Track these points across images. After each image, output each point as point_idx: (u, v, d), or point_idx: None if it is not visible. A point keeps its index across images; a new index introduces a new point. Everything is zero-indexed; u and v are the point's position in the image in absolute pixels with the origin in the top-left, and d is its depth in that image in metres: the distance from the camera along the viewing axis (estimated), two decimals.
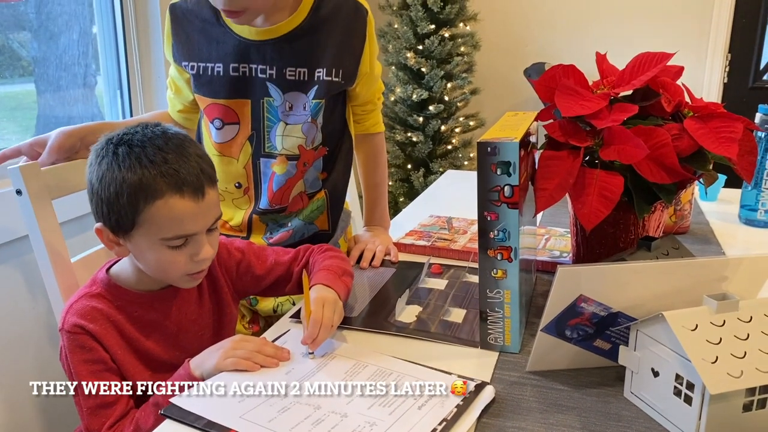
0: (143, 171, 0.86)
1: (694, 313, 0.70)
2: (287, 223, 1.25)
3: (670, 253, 0.92)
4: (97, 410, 0.88)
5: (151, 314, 0.95)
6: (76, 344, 0.89)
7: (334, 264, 1.04)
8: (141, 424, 0.86)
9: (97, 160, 0.89)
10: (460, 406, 0.76)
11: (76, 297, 0.93)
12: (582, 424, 0.74)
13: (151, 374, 0.94)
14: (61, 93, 1.92)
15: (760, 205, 1.46)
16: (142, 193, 0.86)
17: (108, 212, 0.88)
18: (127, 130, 0.90)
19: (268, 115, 1.18)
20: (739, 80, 3.20)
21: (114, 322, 0.92)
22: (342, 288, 0.99)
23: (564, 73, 0.99)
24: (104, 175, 0.87)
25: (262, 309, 1.27)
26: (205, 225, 0.91)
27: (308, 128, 1.19)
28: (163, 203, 0.86)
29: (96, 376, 0.89)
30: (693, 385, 0.68)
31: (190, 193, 0.88)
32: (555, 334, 0.82)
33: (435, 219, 1.50)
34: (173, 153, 0.88)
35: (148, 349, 0.94)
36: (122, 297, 0.94)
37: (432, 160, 3.18)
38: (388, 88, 3.17)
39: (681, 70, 1.01)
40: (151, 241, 0.88)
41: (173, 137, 0.90)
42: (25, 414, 1.45)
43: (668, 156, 0.88)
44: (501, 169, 0.83)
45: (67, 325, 0.90)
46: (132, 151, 0.87)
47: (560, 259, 1.23)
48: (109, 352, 0.90)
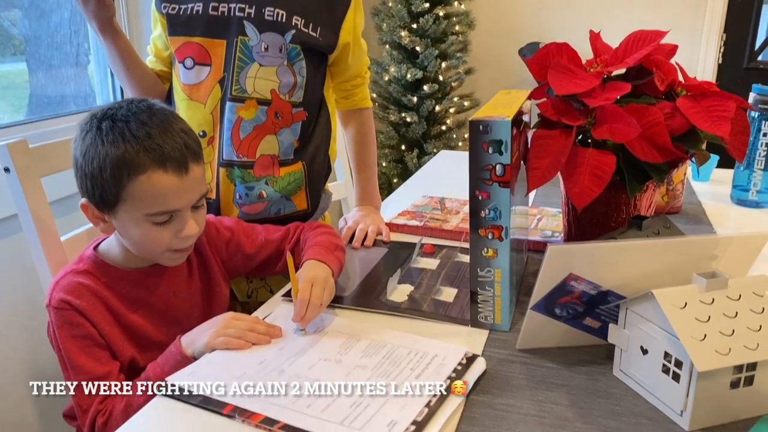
0: (126, 145, 0.85)
1: (684, 291, 0.70)
2: (259, 189, 1.20)
3: (661, 232, 0.92)
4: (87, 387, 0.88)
5: (139, 291, 0.95)
6: (64, 320, 0.89)
7: (326, 240, 1.04)
8: (132, 400, 0.86)
9: (81, 135, 0.89)
10: (453, 378, 0.77)
11: (63, 273, 0.93)
12: (571, 401, 0.74)
13: (140, 351, 0.94)
14: (53, 72, 1.90)
15: (752, 185, 1.46)
16: (125, 168, 0.85)
17: (92, 187, 0.88)
18: (112, 105, 0.90)
19: (240, 56, 1.15)
20: (733, 61, 3.18)
21: (101, 298, 0.91)
22: (335, 263, 0.99)
23: (557, 52, 0.98)
24: (88, 149, 0.87)
25: (238, 290, 1.25)
26: (190, 201, 0.91)
27: (284, 72, 1.16)
28: (146, 178, 0.86)
29: (84, 352, 0.89)
30: (681, 362, 0.69)
31: (174, 168, 0.87)
32: (545, 313, 0.82)
33: (428, 199, 1.49)
34: (157, 128, 0.87)
35: (136, 325, 0.94)
36: (109, 274, 0.94)
37: (426, 140, 3.16)
38: (381, 68, 3.15)
39: (675, 49, 1.00)
40: (135, 217, 0.88)
41: (158, 112, 0.90)
42: (15, 390, 1.46)
43: (660, 135, 0.88)
44: (493, 147, 0.82)
45: (54, 301, 0.89)
46: (115, 125, 0.87)
47: (552, 239, 1.23)
48: (97, 327, 0.90)
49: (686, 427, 0.69)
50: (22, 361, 1.46)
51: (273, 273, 1.13)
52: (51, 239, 1.06)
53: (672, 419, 0.71)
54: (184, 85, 1.18)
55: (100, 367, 0.89)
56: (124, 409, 0.85)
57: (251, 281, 1.24)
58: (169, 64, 1.24)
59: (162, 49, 1.24)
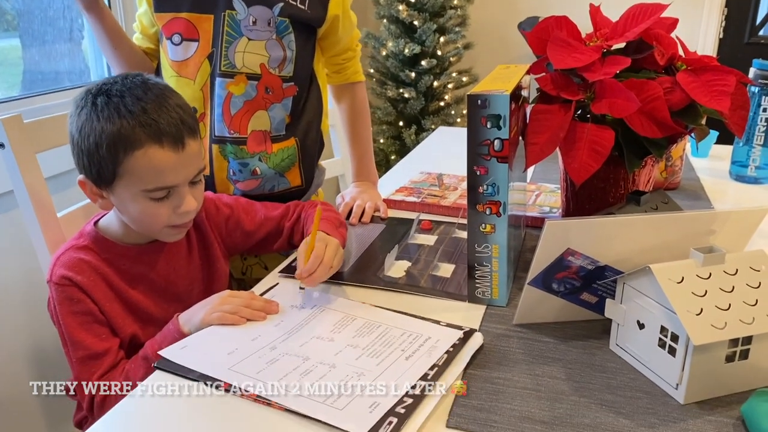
0: (122, 121, 0.85)
1: (681, 266, 0.71)
2: (253, 166, 1.19)
3: (659, 207, 0.92)
4: (86, 361, 0.89)
5: (139, 267, 0.95)
6: (64, 296, 0.89)
7: (330, 216, 1.05)
8: (131, 376, 0.86)
9: (76, 111, 0.88)
10: (450, 353, 0.77)
11: (63, 249, 0.93)
12: (567, 375, 0.75)
13: (141, 327, 0.95)
14: (46, 48, 1.88)
15: (751, 161, 1.46)
16: (121, 144, 0.85)
17: (89, 164, 0.88)
18: (107, 80, 0.89)
19: (228, 30, 1.14)
20: (734, 36, 3.16)
21: (102, 274, 0.92)
22: (339, 239, 1.00)
23: (557, 25, 0.97)
24: (83, 125, 0.87)
25: (234, 269, 1.25)
26: (187, 177, 0.90)
27: (272, 46, 1.15)
28: (143, 153, 0.85)
29: (84, 328, 0.89)
30: (677, 336, 0.69)
31: (170, 143, 0.87)
32: (542, 288, 0.82)
33: (426, 175, 1.49)
34: (152, 103, 0.87)
35: (136, 301, 0.95)
36: (110, 250, 0.93)
37: (424, 116, 3.15)
38: (379, 42, 3.11)
39: (675, 23, 0.99)
40: (133, 192, 0.88)
41: (153, 87, 0.89)
42: (15, 366, 1.47)
43: (660, 110, 0.87)
44: (491, 122, 0.82)
45: (55, 277, 0.90)
46: (110, 101, 0.86)
47: (550, 215, 1.23)
48: (98, 304, 0.90)
49: (681, 401, 0.69)
50: (21, 337, 1.47)
51: (272, 250, 1.13)
52: (47, 215, 1.06)
53: (667, 392, 0.71)
54: (173, 61, 1.17)
55: (99, 343, 0.90)
56: (123, 387, 0.86)
57: (245, 258, 1.24)
58: (155, 41, 1.23)
59: (148, 26, 1.22)
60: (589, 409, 0.69)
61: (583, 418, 0.67)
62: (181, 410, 0.69)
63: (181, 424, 0.67)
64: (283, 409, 0.68)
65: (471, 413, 0.68)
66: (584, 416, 0.68)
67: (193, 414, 0.68)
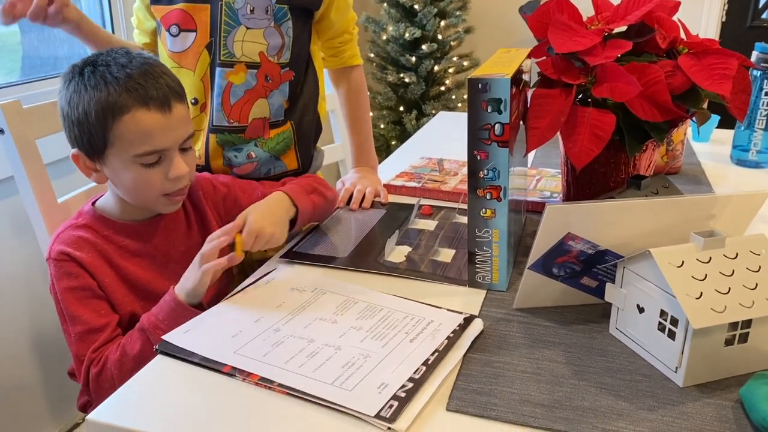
0: (108, 88, 0.87)
1: (681, 250, 0.71)
2: (248, 150, 1.19)
3: (659, 191, 0.92)
4: (84, 336, 0.90)
5: (138, 243, 0.97)
6: (63, 271, 0.90)
7: (307, 182, 1.08)
8: (127, 349, 0.87)
9: (65, 84, 0.91)
10: (451, 338, 0.77)
11: (62, 228, 0.95)
12: (567, 359, 0.75)
13: (141, 303, 0.96)
14: (45, 33, 1.87)
15: (752, 145, 1.45)
16: (109, 110, 0.87)
17: (80, 134, 0.90)
18: (93, 54, 0.92)
19: (226, 19, 1.13)
20: (737, 19, 3.14)
21: (101, 250, 0.93)
22: (307, 204, 1.03)
23: (558, 8, 0.97)
24: (72, 97, 0.89)
25: None
26: (176, 140, 0.92)
27: (271, 34, 1.15)
28: (130, 117, 0.87)
29: (82, 303, 0.90)
30: (677, 320, 0.69)
31: (157, 106, 0.88)
32: (542, 272, 0.82)
33: (426, 161, 1.49)
34: (137, 70, 0.89)
35: (136, 277, 0.95)
36: (108, 227, 0.95)
37: (425, 101, 3.13)
38: (379, 26, 3.10)
39: (677, 6, 0.98)
40: (124, 159, 0.89)
41: (137, 56, 0.92)
42: (17, 349, 1.47)
43: (661, 93, 0.87)
44: (492, 106, 0.81)
45: (54, 253, 0.91)
46: (96, 70, 0.88)
47: (550, 199, 1.23)
48: (97, 279, 0.91)
49: (681, 384, 0.70)
50: (22, 323, 1.48)
51: None
52: (48, 201, 1.06)
53: (667, 376, 0.72)
54: (172, 53, 1.17)
55: (98, 318, 0.91)
56: (119, 359, 0.87)
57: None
58: (152, 34, 1.23)
59: (143, 20, 1.22)
60: (588, 393, 0.69)
61: (583, 401, 0.68)
62: (184, 394, 0.69)
63: (184, 409, 0.67)
64: (285, 392, 0.68)
65: (471, 397, 0.69)
66: (584, 399, 0.68)
67: (196, 398, 0.69)
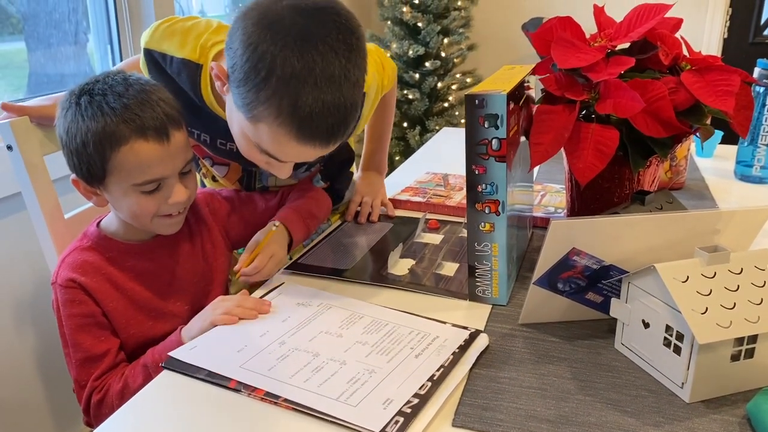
0: (105, 119, 0.86)
1: (686, 265, 0.71)
2: None
3: (663, 207, 0.92)
4: (85, 363, 0.90)
5: (143, 263, 0.97)
6: (67, 298, 0.90)
7: (303, 205, 1.08)
8: (129, 381, 0.87)
9: (62, 112, 0.90)
10: (456, 354, 0.77)
11: (68, 251, 0.94)
12: (573, 374, 0.75)
13: (150, 322, 0.96)
14: (52, 50, 1.89)
15: (756, 161, 1.46)
16: (107, 141, 0.86)
17: (79, 163, 0.89)
18: (89, 80, 0.90)
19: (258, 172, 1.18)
20: (739, 35, 3.15)
21: (106, 274, 0.93)
22: (301, 231, 1.06)
23: (561, 26, 0.98)
24: (70, 126, 0.88)
25: None
26: (175, 168, 0.91)
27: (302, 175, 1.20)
28: (129, 149, 0.86)
29: (84, 330, 0.90)
30: (682, 335, 0.69)
31: (154, 136, 0.87)
32: (547, 287, 0.82)
33: (432, 176, 1.49)
34: (134, 99, 0.88)
35: (142, 297, 0.96)
36: (113, 248, 0.95)
37: (428, 117, 3.15)
38: (383, 44, 3.12)
39: (680, 23, 0.99)
40: (124, 187, 0.89)
41: (134, 83, 0.90)
42: (22, 366, 1.47)
43: (664, 109, 0.88)
44: (489, 121, 0.82)
45: (60, 279, 0.90)
46: (93, 99, 0.87)
47: (555, 215, 1.23)
48: (101, 305, 0.91)
49: (687, 399, 0.70)
50: (28, 338, 1.48)
51: None
52: (55, 217, 1.07)
53: (673, 391, 0.71)
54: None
55: (98, 344, 0.91)
56: (121, 390, 0.87)
57: None
58: None
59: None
60: (594, 408, 0.69)
61: (589, 416, 0.68)
62: (191, 410, 0.69)
63: (190, 424, 0.67)
64: (291, 407, 0.68)
65: (477, 412, 0.68)
66: (590, 415, 0.68)
67: (203, 413, 0.69)
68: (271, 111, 0.79)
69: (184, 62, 0.98)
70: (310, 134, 0.80)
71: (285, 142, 0.82)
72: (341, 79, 0.78)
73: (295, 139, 0.81)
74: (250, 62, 0.78)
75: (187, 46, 0.98)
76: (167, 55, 0.99)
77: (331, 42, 0.78)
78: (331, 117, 0.79)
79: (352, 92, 0.81)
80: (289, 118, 0.79)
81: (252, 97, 0.79)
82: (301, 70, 0.76)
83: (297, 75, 0.76)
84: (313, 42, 0.77)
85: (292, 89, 0.77)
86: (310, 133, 0.80)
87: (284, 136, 0.81)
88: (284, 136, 0.81)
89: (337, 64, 0.78)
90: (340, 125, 0.81)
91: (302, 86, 0.77)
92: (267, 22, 0.77)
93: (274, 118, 0.79)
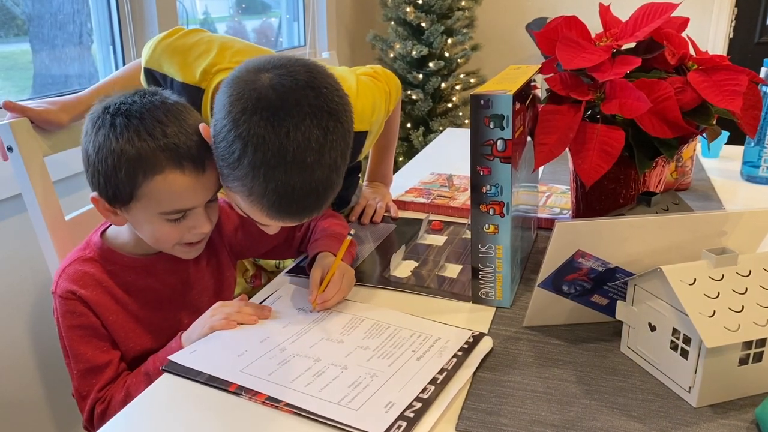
0: (142, 144, 0.82)
1: (693, 268, 0.70)
2: None
3: (670, 208, 0.91)
4: (86, 374, 0.89)
5: (145, 279, 0.94)
6: (67, 309, 0.89)
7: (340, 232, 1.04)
8: (131, 390, 0.86)
9: (93, 129, 0.85)
10: (459, 357, 0.76)
11: (69, 261, 0.92)
12: (578, 377, 0.74)
13: (151, 336, 0.94)
14: (56, 52, 1.89)
15: (763, 161, 1.44)
16: (140, 168, 0.82)
17: (105, 184, 0.85)
18: (125, 99, 0.85)
19: None
20: (745, 35, 3.14)
21: (106, 287, 0.91)
22: (348, 258, 1.01)
23: (566, 25, 0.97)
24: (101, 146, 0.83)
25: (266, 263, 1.27)
26: (205, 198, 0.89)
27: None
28: (163, 178, 0.83)
29: (85, 341, 0.89)
30: (690, 339, 0.68)
31: (191, 167, 0.84)
32: (552, 290, 0.81)
33: (436, 176, 1.48)
34: (173, 125, 0.84)
35: (143, 312, 0.94)
36: (115, 262, 0.92)
37: (432, 118, 3.14)
38: (386, 44, 3.11)
39: (686, 22, 0.98)
40: (149, 214, 0.86)
41: (172, 107, 0.86)
42: (23, 370, 1.47)
43: (671, 110, 0.87)
44: (494, 122, 0.81)
45: (60, 290, 0.89)
46: (130, 122, 0.83)
47: (560, 216, 1.22)
48: (101, 317, 0.90)
49: (694, 404, 0.69)
50: (29, 341, 1.47)
51: (281, 258, 1.13)
52: (55, 219, 1.06)
53: (680, 395, 0.70)
54: None
55: (100, 355, 0.90)
56: (123, 399, 0.86)
57: None
58: None
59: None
60: (600, 413, 0.68)
61: (594, 421, 0.67)
62: (191, 413, 0.69)
63: (191, 428, 0.66)
64: (292, 411, 0.68)
65: (480, 416, 0.67)
66: (595, 419, 0.67)
67: (203, 417, 0.68)
68: (243, 190, 0.80)
69: (185, 86, 0.97)
70: (280, 214, 0.81)
71: (258, 216, 0.83)
72: (314, 165, 0.78)
73: (267, 216, 0.82)
74: (225, 141, 0.78)
75: (189, 69, 0.97)
76: (168, 77, 0.98)
77: (305, 127, 0.77)
78: (301, 201, 0.80)
79: (328, 175, 0.80)
80: (258, 199, 0.80)
81: (227, 172, 0.80)
82: (271, 158, 0.76)
83: (267, 162, 0.76)
84: (286, 128, 0.76)
85: (262, 175, 0.77)
86: (280, 214, 0.81)
87: (257, 212, 0.82)
88: (257, 212, 0.82)
89: (311, 150, 0.77)
90: (313, 207, 0.82)
91: (272, 172, 0.77)
92: (245, 101, 0.77)
93: (246, 196, 0.81)
